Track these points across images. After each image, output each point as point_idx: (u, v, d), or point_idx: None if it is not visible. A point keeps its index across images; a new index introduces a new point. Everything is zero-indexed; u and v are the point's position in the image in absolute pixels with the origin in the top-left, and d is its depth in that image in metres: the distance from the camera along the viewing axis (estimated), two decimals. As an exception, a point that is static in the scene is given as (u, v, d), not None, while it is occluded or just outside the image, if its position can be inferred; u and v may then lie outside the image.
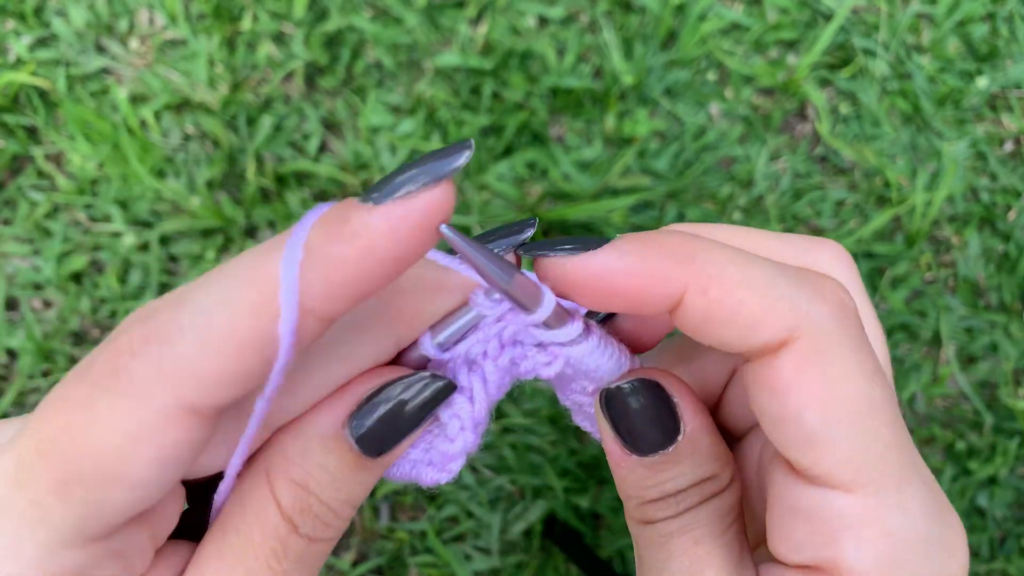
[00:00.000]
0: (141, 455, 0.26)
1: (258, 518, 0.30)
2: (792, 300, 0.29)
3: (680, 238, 0.30)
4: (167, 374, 0.25)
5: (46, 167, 1.36)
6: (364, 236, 0.26)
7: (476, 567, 1.25)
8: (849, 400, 0.28)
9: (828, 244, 0.35)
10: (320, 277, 0.26)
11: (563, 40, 1.45)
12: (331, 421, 0.31)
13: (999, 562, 1.31)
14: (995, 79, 1.49)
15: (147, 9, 1.43)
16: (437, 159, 0.27)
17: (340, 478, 0.31)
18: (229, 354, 0.26)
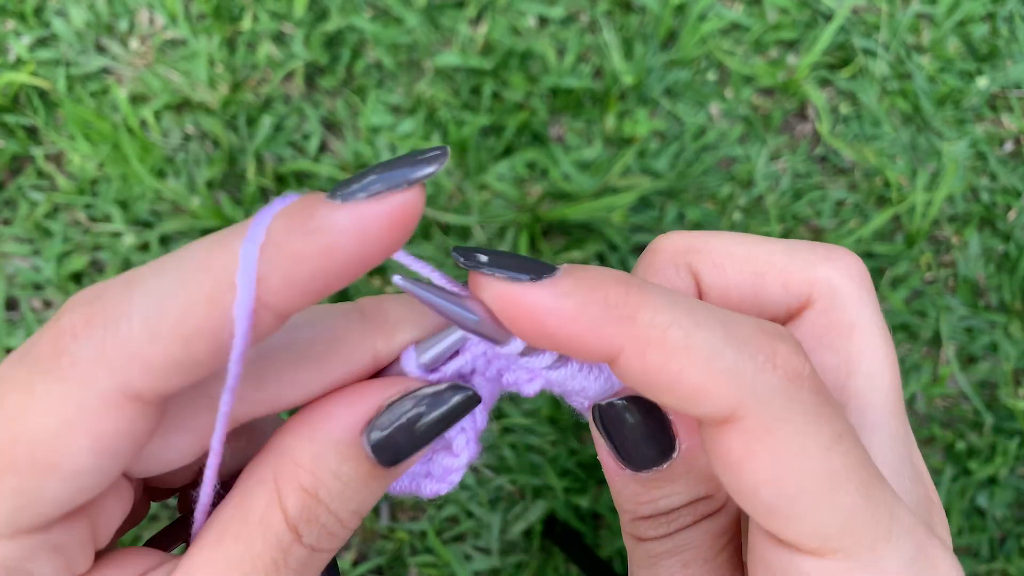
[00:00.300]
0: (78, 443, 0.25)
1: (261, 526, 0.28)
2: (736, 376, 0.27)
3: (623, 289, 0.28)
4: (111, 358, 0.24)
5: (46, 167, 1.36)
6: (327, 232, 0.25)
7: (476, 567, 1.25)
8: (805, 475, 0.27)
9: (839, 254, 0.34)
10: (278, 270, 0.25)
11: (563, 40, 1.45)
12: (348, 427, 0.29)
13: (999, 562, 1.31)
14: (995, 79, 1.49)
15: (147, 9, 1.43)
16: (410, 162, 0.26)
17: (352, 487, 0.30)
18: (178, 340, 0.24)
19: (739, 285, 0.33)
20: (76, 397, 0.24)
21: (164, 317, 0.24)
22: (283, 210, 0.25)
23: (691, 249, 0.34)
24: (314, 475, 0.29)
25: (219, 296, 0.24)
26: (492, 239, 1.34)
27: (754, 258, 0.33)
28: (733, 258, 0.34)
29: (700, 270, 0.34)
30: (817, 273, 0.33)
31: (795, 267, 0.33)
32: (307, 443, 0.29)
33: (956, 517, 1.31)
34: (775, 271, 0.33)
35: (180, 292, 0.24)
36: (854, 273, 0.33)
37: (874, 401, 0.33)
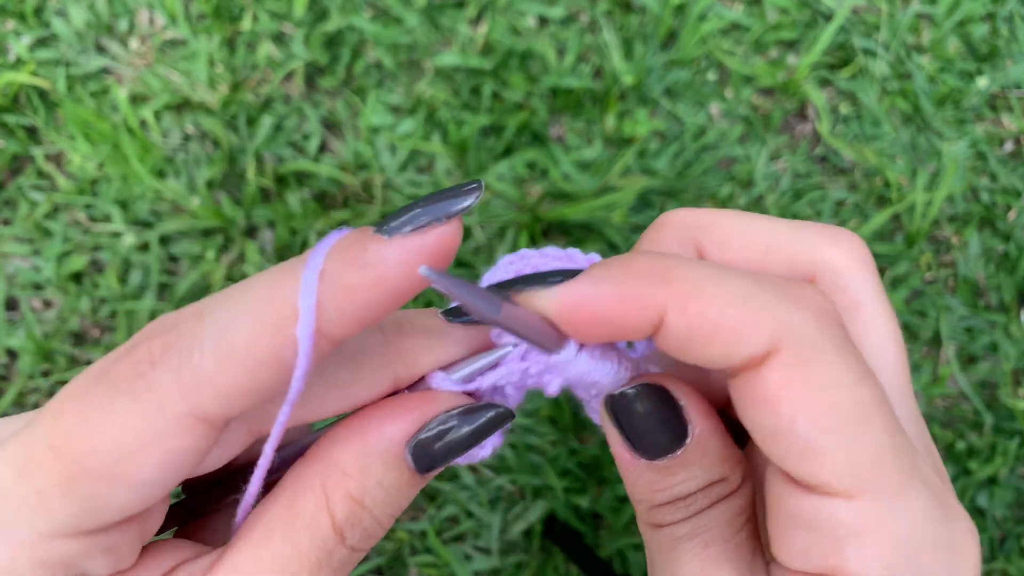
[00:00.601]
0: (149, 458, 0.27)
1: (309, 528, 0.30)
2: (772, 311, 0.29)
3: (652, 259, 0.30)
4: (185, 384, 0.27)
5: (46, 167, 1.36)
6: (378, 266, 0.27)
7: (476, 567, 1.25)
8: (840, 407, 0.28)
9: (843, 236, 0.35)
10: (334, 301, 0.27)
11: (563, 40, 1.45)
12: (394, 441, 0.31)
13: (999, 562, 1.31)
14: (995, 79, 1.49)
15: (147, 9, 1.43)
16: (448, 197, 0.29)
17: (393, 494, 0.32)
18: (245, 369, 0.27)
19: (744, 263, 0.34)
20: (152, 417, 0.27)
21: (232, 346, 0.27)
22: (336, 245, 0.28)
23: (698, 225, 0.35)
24: (361, 484, 0.31)
25: (282, 326, 0.27)
26: (492, 239, 1.34)
27: (760, 237, 0.34)
28: (739, 236, 0.34)
29: (706, 246, 0.35)
30: (821, 253, 0.34)
31: (800, 247, 0.34)
32: (356, 455, 0.31)
33: (956, 517, 1.31)
34: (780, 250, 0.34)
35: (246, 323, 0.27)
36: (857, 254, 0.34)
37: (883, 377, 0.33)
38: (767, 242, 0.34)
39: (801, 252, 0.34)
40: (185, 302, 1.31)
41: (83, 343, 1.31)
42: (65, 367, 1.29)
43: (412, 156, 1.38)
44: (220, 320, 0.27)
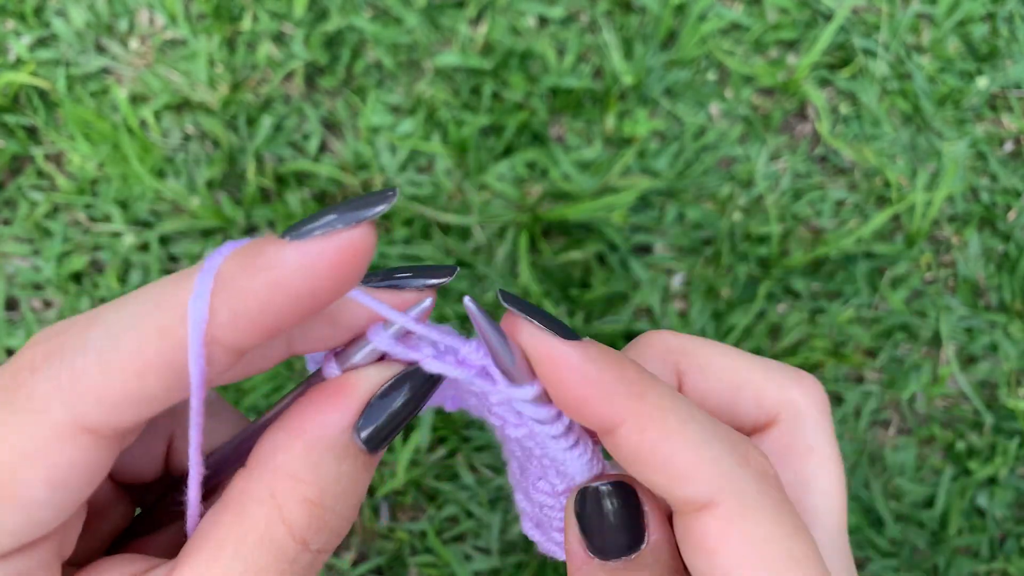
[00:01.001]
0: (33, 474, 0.25)
1: (263, 542, 0.29)
2: (720, 463, 0.30)
3: (638, 370, 0.31)
4: (65, 391, 0.25)
5: (46, 167, 1.36)
6: (275, 269, 0.25)
7: (476, 567, 1.25)
8: (773, 559, 0.30)
9: (807, 380, 0.37)
10: (228, 306, 0.25)
11: (563, 40, 1.45)
12: (341, 428, 0.30)
13: (999, 562, 1.31)
14: (995, 79, 1.49)
15: (147, 9, 1.43)
16: (361, 203, 0.27)
17: (351, 483, 0.31)
18: (131, 375, 0.25)
19: (718, 393, 0.37)
20: (31, 430, 0.25)
21: (117, 351, 0.25)
22: (235, 250, 0.26)
23: (680, 351, 0.37)
24: (316, 485, 0.29)
25: (171, 330, 0.25)
26: (492, 239, 1.34)
27: (735, 370, 0.37)
28: (716, 367, 0.37)
29: (685, 372, 0.37)
30: (787, 395, 0.37)
31: (769, 386, 0.37)
32: (303, 455, 0.29)
33: (956, 517, 1.31)
34: (751, 386, 0.37)
35: (134, 327, 0.25)
36: (817, 399, 0.37)
37: (826, 518, 0.36)
38: (742, 378, 0.37)
39: (770, 391, 0.36)
40: (185, 302, 1.31)
41: (83, 343, 1.31)
42: (65, 367, 1.29)
43: (412, 156, 1.38)
44: (108, 323, 0.26)
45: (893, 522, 1.30)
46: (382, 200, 0.27)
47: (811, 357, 1.33)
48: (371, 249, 0.27)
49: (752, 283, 1.37)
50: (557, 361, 0.30)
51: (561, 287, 1.33)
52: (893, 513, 1.31)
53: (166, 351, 0.25)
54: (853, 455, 1.33)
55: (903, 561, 1.29)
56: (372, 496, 1.27)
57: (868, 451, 1.34)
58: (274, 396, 1.27)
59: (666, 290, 1.36)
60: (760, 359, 0.37)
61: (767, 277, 1.37)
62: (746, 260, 1.38)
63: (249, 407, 1.25)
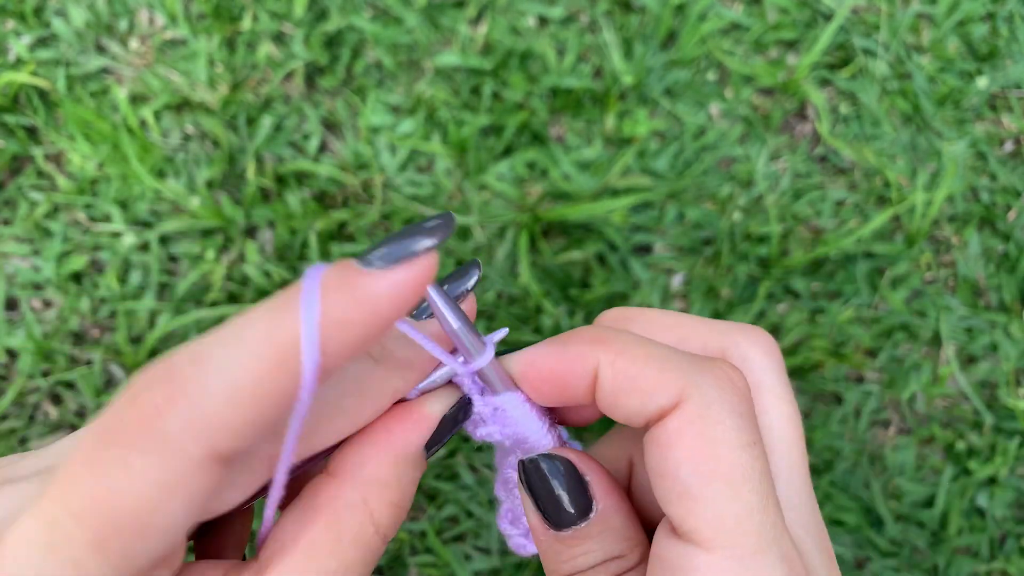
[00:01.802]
0: (174, 506, 0.28)
1: (356, 541, 0.33)
2: (682, 370, 0.33)
3: (591, 329, 0.36)
4: (197, 429, 0.28)
5: (46, 167, 1.36)
6: (371, 300, 0.29)
7: (476, 567, 1.25)
8: (721, 462, 0.31)
9: (753, 329, 0.40)
10: (333, 336, 0.29)
11: (563, 40, 1.45)
12: (419, 445, 0.36)
13: (999, 562, 1.31)
14: (995, 79, 1.49)
15: (147, 9, 1.43)
16: (422, 229, 0.31)
17: (415, 486, 0.36)
18: (253, 406, 0.28)
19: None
20: (171, 466, 0.28)
21: (240, 386, 0.28)
22: (328, 280, 0.29)
23: (627, 318, 0.41)
24: (400, 491, 0.35)
25: (285, 361, 0.28)
26: (492, 239, 1.34)
27: (679, 326, 0.40)
28: (660, 325, 0.40)
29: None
30: (731, 339, 0.39)
31: (711, 335, 0.40)
32: (392, 466, 0.35)
33: (956, 517, 1.31)
34: (695, 336, 0.40)
35: (250, 362, 0.28)
36: (764, 344, 0.39)
37: (779, 454, 0.38)
38: (685, 331, 0.40)
39: (712, 339, 0.39)
40: (185, 302, 1.31)
41: (83, 343, 1.31)
42: (65, 367, 1.29)
43: (412, 156, 1.38)
44: (223, 362, 0.28)
45: (893, 522, 1.30)
46: (447, 226, 0.31)
47: (811, 357, 1.33)
48: (436, 270, 0.31)
49: (752, 283, 1.37)
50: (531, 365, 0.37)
51: (561, 287, 1.33)
52: (893, 513, 1.31)
53: (283, 380, 0.28)
54: (853, 455, 1.33)
55: (903, 561, 1.29)
56: (372, 496, 1.27)
57: (868, 451, 1.34)
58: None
59: (666, 290, 1.36)
60: (705, 319, 0.40)
61: (767, 277, 1.37)
62: (746, 260, 1.38)
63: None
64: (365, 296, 0.29)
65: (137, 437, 0.28)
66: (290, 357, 0.28)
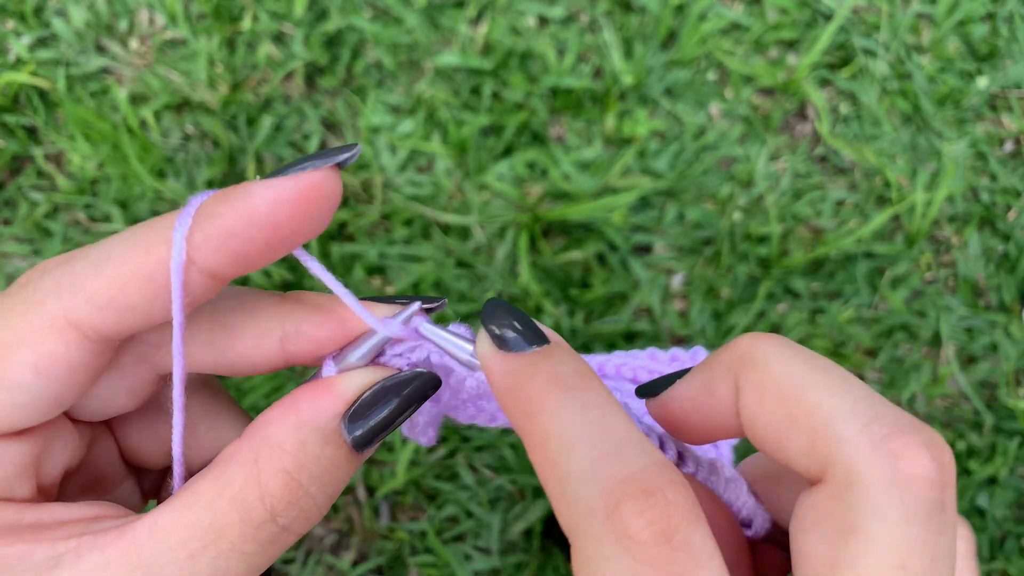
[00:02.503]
0: (21, 357, 0.29)
1: (235, 501, 0.30)
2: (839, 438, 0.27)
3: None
4: (62, 288, 0.29)
5: (46, 167, 1.36)
6: (245, 199, 0.29)
7: (476, 567, 1.25)
8: None
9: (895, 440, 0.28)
10: (203, 231, 0.29)
11: (563, 40, 1.45)
12: (331, 414, 0.32)
13: (999, 562, 1.31)
14: (995, 79, 1.49)
15: (147, 9, 1.43)
16: (327, 153, 0.30)
17: (331, 472, 0.32)
18: (117, 282, 0.29)
19: (769, 421, 0.30)
20: (26, 318, 0.29)
21: (108, 261, 0.29)
22: (218, 191, 0.30)
23: (747, 363, 0.31)
24: (297, 459, 0.31)
25: (154, 247, 0.29)
26: (492, 239, 1.34)
27: (795, 401, 0.29)
28: (777, 390, 0.29)
29: (743, 387, 0.31)
30: (842, 451, 0.27)
31: (826, 433, 0.28)
32: (293, 430, 0.32)
33: (956, 517, 1.31)
34: (807, 425, 0.28)
35: (124, 244, 0.30)
36: (901, 473, 0.26)
37: None
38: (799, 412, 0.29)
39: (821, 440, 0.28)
40: (185, 302, 1.31)
41: (83, 343, 1.31)
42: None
43: (412, 156, 1.38)
44: (106, 244, 0.30)
45: (893, 522, 1.30)
46: (347, 151, 0.30)
47: (811, 357, 1.33)
48: (334, 193, 0.30)
49: (752, 283, 1.37)
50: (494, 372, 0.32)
51: (561, 287, 1.33)
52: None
53: (149, 264, 0.29)
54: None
55: (903, 561, 1.29)
56: (372, 496, 1.27)
57: (868, 451, 1.34)
58: (274, 396, 1.27)
59: (666, 290, 1.36)
60: (854, 390, 0.29)
61: (767, 277, 1.37)
62: (746, 260, 1.38)
63: (250, 406, 1.25)
64: (240, 195, 0.29)
65: (17, 288, 0.30)
66: (159, 243, 0.29)
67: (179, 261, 0.29)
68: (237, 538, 0.30)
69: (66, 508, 0.32)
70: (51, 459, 0.33)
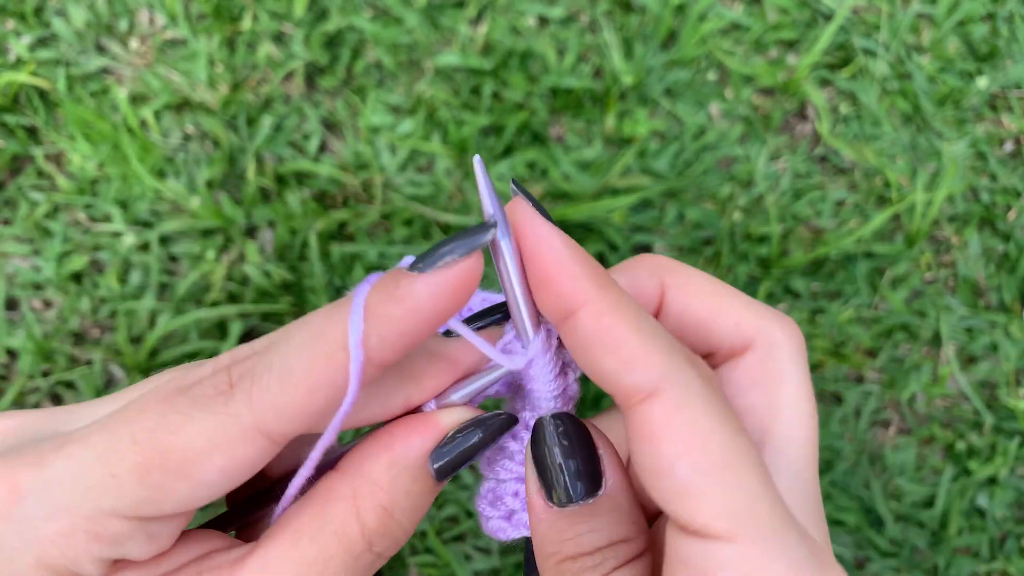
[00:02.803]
0: (215, 462, 0.32)
1: (337, 535, 0.34)
2: (668, 355, 0.32)
3: (604, 270, 0.35)
4: (254, 402, 0.32)
5: (46, 167, 1.36)
6: (411, 298, 0.31)
7: (476, 567, 1.25)
8: (716, 451, 0.30)
9: (787, 320, 0.39)
10: (376, 331, 0.31)
11: (563, 40, 1.45)
12: (420, 453, 0.35)
13: (999, 562, 1.31)
14: (995, 79, 1.49)
15: (147, 9, 1.43)
16: (468, 235, 0.33)
17: (417, 502, 0.36)
18: (303, 392, 0.31)
19: (696, 310, 0.38)
20: (224, 428, 0.32)
21: (293, 373, 0.31)
22: (375, 284, 0.32)
23: (668, 268, 0.39)
24: (390, 495, 0.35)
25: (333, 355, 0.31)
26: (492, 239, 1.34)
27: (716, 294, 0.38)
28: (699, 288, 0.39)
29: (669, 287, 0.39)
30: (765, 324, 0.38)
31: (748, 313, 0.38)
32: (385, 467, 0.35)
33: (956, 517, 1.31)
34: (731, 310, 0.38)
35: (304, 353, 0.32)
36: (794, 336, 0.38)
37: (791, 447, 0.36)
38: (723, 301, 0.38)
39: (748, 318, 0.38)
40: (185, 302, 1.31)
41: (83, 343, 1.31)
42: (65, 367, 1.29)
43: (412, 156, 1.38)
44: (283, 351, 0.32)
45: (893, 522, 1.30)
46: (487, 230, 0.33)
47: (811, 357, 1.33)
48: (480, 273, 0.32)
49: (752, 283, 1.37)
50: (541, 238, 0.34)
51: (561, 287, 1.32)
52: (893, 513, 1.31)
53: (331, 372, 0.31)
54: (853, 455, 1.33)
55: (903, 561, 1.29)
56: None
57: (868, 451, 1.34)
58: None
59: (666, 290, 1.36)
60: (744, 294, 0.39)
61: (767, 277, 1.37)
62: (746, 260, 1.38)
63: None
64: (405, 295, 0.31)
65: (205, 398, 0.32)
66: (338, 350, 0.31)
67: (357, 369, 0.31)
68: (340, 568, 0.34)
69: (181, 546, 0.35)
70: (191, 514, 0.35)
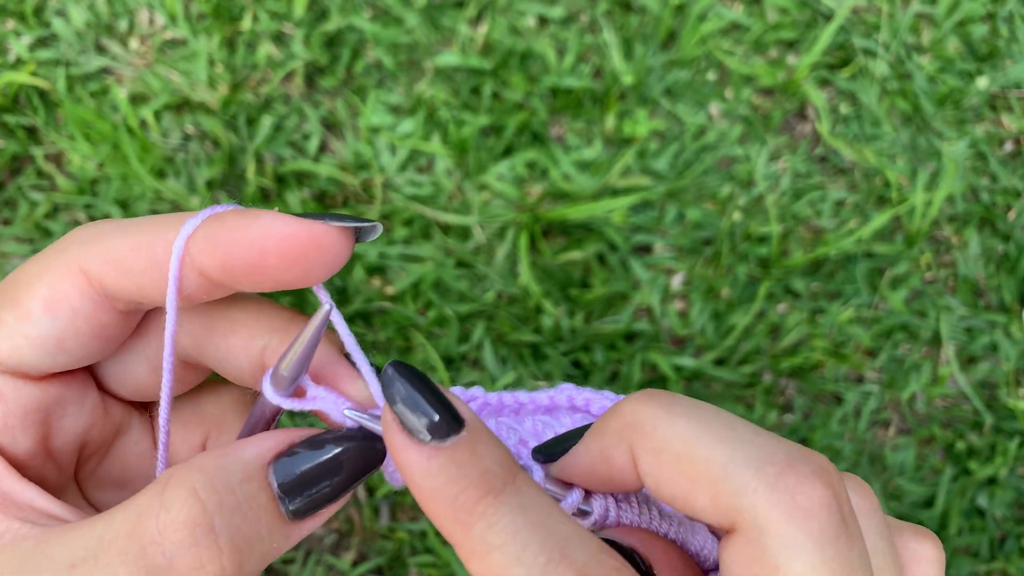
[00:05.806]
0: (37, 291, 0.32)
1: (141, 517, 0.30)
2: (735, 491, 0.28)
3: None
4: (84, 241, 0.33)
5: (46, 167, 1.36)
6: (253, 222, 0.31)
7: (476, 567, 1.25)
8: None
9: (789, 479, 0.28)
10: (206, 234, 0.31)
11: (563, 40, 1.45)
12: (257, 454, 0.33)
13: (999, 562, 1.31)
14: (995, 79, 1.49)
15: (147, 9, 1.43)
16: (353, 219, 0.32)
17: (250, 519, 0.31)
18: (127, 245, 0.32)
19: (671, 482, 0.30)
20: (50, 259, 0.33)
21: (128, 228, 0.33)
22: (240, 207, 0.33)
23: (636, 429, 0.31)
24: (211, 482, 0.30)
25: (168, 231, 0.32)
26: (492, 239, 1.34)
27: (691, 459, 0.29)
28: (670, 453, 0.30)
29: (639, 455, 0.31)
30: (744, 501, 0.28)
31: (725, 487, 0.28)
32: (216, 457, 0.31)
33: (956, 517, 1.31)
34: (706, 481, 0.29)
35: (149, 223, 0.33)
36: (801, 506, 0.27)
37: None
38: (696, 469, 0.29)
39: (724, 494, 0.28)
40: (185, 302, 1.31)
41: (83, 343, 1.31)
42: (65, 367, 1.29)
43: (412, 156, 1.38)
44: (141, 219, 0.34)
45: (893, 522, 1.30)
46: (367, 223, 0.32)
47: (811, 357, 1.33)
48: (337, 253, 0.31)
49: (752, 283, 1.37)
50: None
51: (561, 287, 1.33)
52: (893, 513, 1.31)
53: (158, 241, 0.32)
54: (853, 455, 1.33)
55: (903, 561, 1.29)
56: (372, 496, 1.27)
57: (868, 451, 1.34)
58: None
59: (666, 290, 1.36)
60: (734, 440, 0.29)
61: (767, 277, 1.37)
62: (746, 260, 1.38)
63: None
64: (254, 218, 0.31)
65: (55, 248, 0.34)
66: (170, 231, 0.32)
67: (179, 247, 0.32)
68: (116, 556, 0.29)
69: (35, 492, 0.32)
70: (64, 420, 0.35)
